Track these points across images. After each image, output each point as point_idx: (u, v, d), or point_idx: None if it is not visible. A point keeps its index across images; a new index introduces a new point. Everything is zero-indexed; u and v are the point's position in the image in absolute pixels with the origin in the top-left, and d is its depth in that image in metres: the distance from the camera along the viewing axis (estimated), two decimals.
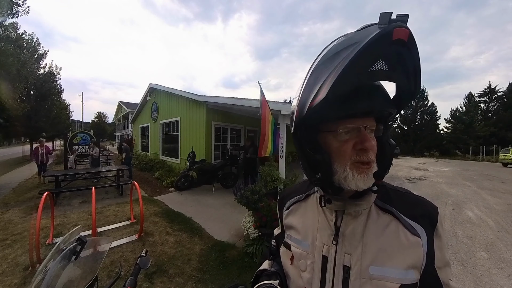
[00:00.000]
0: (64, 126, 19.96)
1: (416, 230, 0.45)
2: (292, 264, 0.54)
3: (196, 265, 2.58)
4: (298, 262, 0.53)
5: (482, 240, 3.48)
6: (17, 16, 8.69)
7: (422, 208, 0.49)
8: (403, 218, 0.47)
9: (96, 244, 0.93)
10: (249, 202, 3.15)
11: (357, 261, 0.45)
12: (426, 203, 0.51)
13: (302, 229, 0.55)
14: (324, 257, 0.49)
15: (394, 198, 0.50)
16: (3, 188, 6.37)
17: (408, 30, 0.35)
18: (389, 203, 0.49)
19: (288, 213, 0.62)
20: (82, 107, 28.52)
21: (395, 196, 0.51)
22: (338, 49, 0.39)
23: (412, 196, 0.53)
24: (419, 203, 0.50)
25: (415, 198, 0.52)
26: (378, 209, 0.49)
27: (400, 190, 0.53)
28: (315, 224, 0.53)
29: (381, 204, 0.49)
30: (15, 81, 9.55)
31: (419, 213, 0.48)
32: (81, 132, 10.18)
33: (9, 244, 2.99)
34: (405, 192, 0.53)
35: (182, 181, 5.95)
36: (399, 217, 0.47)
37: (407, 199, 0.51)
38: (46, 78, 15.53)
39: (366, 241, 0.46)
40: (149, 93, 11.07)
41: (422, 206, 0.49)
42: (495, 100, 30.15)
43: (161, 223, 3.77)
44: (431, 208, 0.49)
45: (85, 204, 4.73)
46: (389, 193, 0.51)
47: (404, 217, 0.47)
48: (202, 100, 6.95)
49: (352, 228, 0.48)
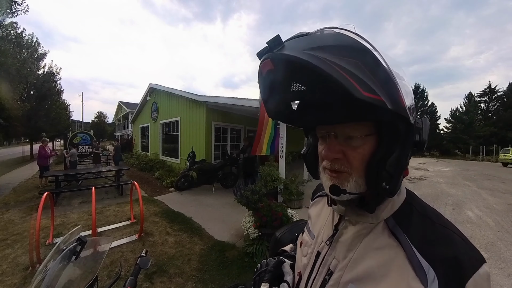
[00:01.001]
0: (64, 126, 19.95)
1: (424, 273, 0.34)
2: (300, 247, 0.59)
3: (196, 265, 2.58)
4: (303, 247, 0.57)
5: (482, 240, 3.48)
6: (16, 15, 8.69)
7: (448, 249, 0.36)
8: (412, 251, 0.36)
9: (96, 244, 0.93)
10: (249, 202, 3.15)
11: (339, 270, 0.43)
12: (460, 246, 0.36)
13: (315, 221, 0.59)
14: (318, 253, 0.50)
15: (414, 223, 0.40)
16: (3, 188, 6.37)
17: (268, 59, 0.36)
18: (403, 226, 0.40)
19: (312, 204, 0.67)
20: (82, 107, 28.57)
21: (418, 220, 0.40)
22: None
23: (442, 228, 0.39)
24: (447, 241, 0.37)
25: (446, 233, 0.38)
26: (386, 228, 0.41)
27: (429, 216, 0.41)
28: (324, 220, 0.55)
29: (392, 224, 0.41)
30: (15, 81, 9.54)
31: (440, 254, 0.35)
32: (81, 132, 10.20)
33: (9, 244, 2.99)
34: (436, 221, 0.40)
35: (182, 181, 5.95)
36: (407, 248, 0.37)
37: (433, 229, 0.39)
38: (46, 78, 15.52)
39: (356, 256, 0.42)
40: (149, 93, 11.07)
41: (450, 247, 0.36)
42: (495, 100, 30.20)
43: (161, 223, 3.77)
44: (465, 255, 0.35)
45: (85, 204, 4.73)
46: (410, 215, 0.41)
47: (414, 250, 0.36)
48: (202, 100, 6.95)
49: (347, 237, 0.45)
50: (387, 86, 0.33)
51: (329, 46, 0.33)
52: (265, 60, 0.37)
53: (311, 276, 0.49)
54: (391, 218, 0.41)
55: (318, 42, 0.34)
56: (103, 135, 41.52)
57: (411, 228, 0.39)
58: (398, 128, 0.37)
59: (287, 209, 3.21)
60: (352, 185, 0.39)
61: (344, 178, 0.40)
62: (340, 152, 0.40)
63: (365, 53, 0.33)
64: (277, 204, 3.20)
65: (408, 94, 0.36)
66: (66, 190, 5.35)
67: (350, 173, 0.40)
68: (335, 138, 0.40)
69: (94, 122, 51.89)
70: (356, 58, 0.32)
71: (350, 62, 0.32)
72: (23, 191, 5.99)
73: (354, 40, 0.34)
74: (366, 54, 0.33)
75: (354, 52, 0.33)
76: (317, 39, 0.36)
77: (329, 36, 0.36)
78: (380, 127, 0.38)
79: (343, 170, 0.40)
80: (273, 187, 4.52)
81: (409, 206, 0.43)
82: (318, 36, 0.36)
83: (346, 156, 0.40)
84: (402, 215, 0.41)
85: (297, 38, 0.38)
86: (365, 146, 0.38)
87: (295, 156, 6.94)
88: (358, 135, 0.38)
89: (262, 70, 0.39)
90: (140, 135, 13.73)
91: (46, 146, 7.08)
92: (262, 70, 0.39)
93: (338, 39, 0.35)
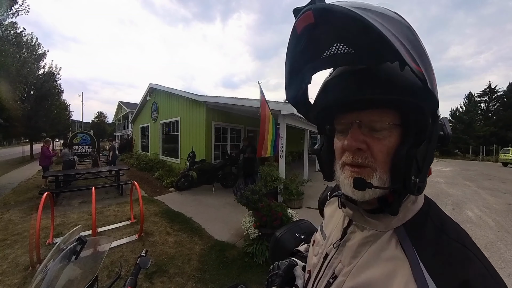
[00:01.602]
0: (64, 126, 19.95)
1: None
2: (312, 246, 0.58)
3: (196, 265, 2.58)
4: (315, 246, 0.56)
5: (482, 239, 3.47)
6: (16, 15, 8.69)
7: (461, 272, 0.31)
8: (420, 267, 0.32)
9: (96, 244, 0.93)
10: (249, 202, 3.16)
11: (343, 275, 0.41)
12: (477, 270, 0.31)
13: (328, 221, 0.58)
14: (326, 254, 0.49)
15: (427, 236, 0.35)
16: (3, 188, 6.37)
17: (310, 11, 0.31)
18: (413, 239, 0.36)
19: (327, 204, 0.64)
20: (82, 107, 28.54)
21: (432, 234, 0.36)
22: None
23: (460, 247, 0.34)
24: (462, 262, 0.32)
25: (462, 253, 0.33)
26: (395, 238, 0.37)
27: (446, 231, 0.36)
28: (336, 222, 0.53)
29: (402, 235, 0.37)
30: (15, 81, 9.54)
31: (451, 275, 0.31)
32: (81, 132, 10.20)
33: (9, 244, 2.99)
34: (454, 238, 0.35)
35: (182, 181, 5.95)
36: (413, 263, 0.33)
37: (448, 247, 0.34)
38: (46, 78, 15.52)
39: (360, 264, 0.39)
40: (149, 93, 11.07)
41: (464, 269, 0.31)
42: (495, 100, 30.17)
43: (161, 223, 3.77)
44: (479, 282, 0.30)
45: (85, 204, 4.73)
46: (424, 227, 0.37)
47: (422, 266, 0.32)
48: (202, 100, 6.95)
49: (354, 242, 0.42)
50: (427, 66, 0.31)
51: (379, 12, 0.30)
52: (305, 13, 0.31)
53: (318, 276, 0.48)
54: (402, 227, 0.38)
55: (367, 5, 0.31)
56: (103, 135, 41.52)
57: (422, 242, 0.35)
58: (426, 118, 0.34)
59: (287, 209, 3.22)
60: (376, 181, 0.36)
61: (367, 173, 0.36)
62: (364, 143, 0.36)
63: (409, 30, 0.32)
64: (277, 204, 3.20)
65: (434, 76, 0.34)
66: (66, 190, 5.35)
67: (374, 168, 0.36)
68: (359, 128, 0.37)
69: (94, 122, 51.88)
70: (403, 31, 0.30)
71: (399, 32, 0.29)
72: (23, 191, 5.99)
73: (398, 15, 0.32)
74: (410, 31, 0.32)
75: (401, 25, 0.31)
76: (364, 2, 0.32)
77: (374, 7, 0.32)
78: (407, 117, 0.35)
79: (366, 165, 0.36)
80: (273, 187, 4.52)
81: (425, 216, 0.38)
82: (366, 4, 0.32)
83: (370, 148, 0.36)
84: (415, 226, 0.37)
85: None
86: (390, 138, 0.36)
87: (295, 156, 6.94)
88: (385, 123, 0.35)
89: (297, 27, 0.33)
90: (140, 135, 13.73)
91: (49, 146, 7.01)
92: (297, 28, 0.33)
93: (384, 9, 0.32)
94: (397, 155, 0.35)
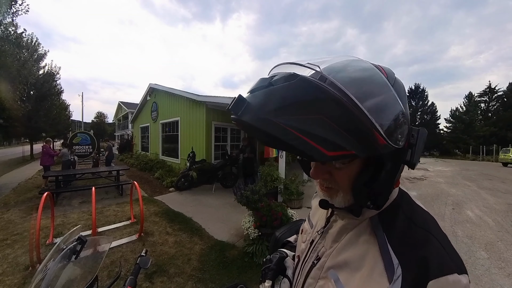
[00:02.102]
0: (64, 126, 19.95)
1: (393, 270, 0.35)
2: (301, 234, 0.66)
3: (196, 265, 2.58)
4: (303, 234, 0.64)
5: (482, 239, 3.48)
6: (16, 15, 8.69)
7: (421, 251, 0.36)
8: (387, 248, 0.38)
9: (96, 243, 0.93)
10: (249, 202, 3.16)
11: (325, 257, 0.48)
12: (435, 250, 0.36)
13: (314, 211, 0.65)
14: (312, 241, 0.56)
15: (396, 223, 0.41)
16: (3, 188, 6.37)
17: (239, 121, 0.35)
18: (385, 225, 0.41)
19: (314, 196, 0.72)
20: (82, 107, 28.54)
21: (401, 222, 0.41)
22: None
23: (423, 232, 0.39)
24: (423, 244, 0.37)
25: (424, 236, 0.38)
26: (369, 226, 0.43)
27: (413, 219, 0.41)
28: (321, 212, 0.60)
29: (375, 222, 0.43)
30: (15, 81, 9.54)
31: (412, 254, 0.36)
32: (81, 132, 10.19)
33: (9, 244, 2.99)
34: (420, 225, 0.40)
35: (182, 181, 5.95)
36: (382, 245, 0.39)
37: (413, 231, 0.39)
38: (46, 78, 15.52)
39: (339, 247, 0.46)
40: (149, 93, 11.08)
41: (423, 249, 0.36)
42: (495, 100, 30.19)
43: (161, 223, 3.77)
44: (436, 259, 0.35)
45: (85, 204, 4.73)
46: (396, 216, 0.42)
47: (389, 247, 0.38)
48: (202, 100, 6.95)
49: (335, 229, 0.49)
50: (358, 132, 0.30)
51: (291, 104, 0.31)
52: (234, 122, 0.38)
53: (305, 259, 0.55)
54: (376, 217, 0.43)
55: (279, 101, 0.32)
56: (103, 135, 41.52)
57: (392, 229, 0.41)
58: (382, 156, 0.36)
59: (287, 209, 3.21)
60: (340, 199, 0.43)
61: (333, 193, 0.44)
62: (326, 173, 0.42)
63: (330, 102, 0.30)
64: (277, 204, 3.20)
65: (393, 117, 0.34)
66: (66, 190, 5.35)
67: (338, 190, 0.43)
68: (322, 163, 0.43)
69: (94, 122, 51.89)
70: (320, 112, 0.30)
71: (313, 121, 0.30)
72: (23, 191, 5.99)
73: (318, 88, 0.31)
74: (331, 104, 0.30)
75: (318, 105, 0.30)
76: (278, 95, 0.33)
77: (291, 89, 0.32)
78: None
79: (331, 187, 0.44)
80: (273, 187, 4.52)
81: (397, 207, 0.44)
82: (280, 91, 0.33)
83: (332, 175, 0.42)
84: (387, 216, 0.43)
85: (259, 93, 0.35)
86: (350, 167, 0.39)
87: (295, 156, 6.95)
88: (346, 160, 0.39)
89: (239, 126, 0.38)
90: (140, 135, 13.74)
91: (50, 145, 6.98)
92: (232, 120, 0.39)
93: (300, 93, 0.31)
94: (357, 184, 0.39)
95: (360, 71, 0.36)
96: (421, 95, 32.48)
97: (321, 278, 0.47)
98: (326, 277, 0.45)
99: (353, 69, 0.36)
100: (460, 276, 0.34)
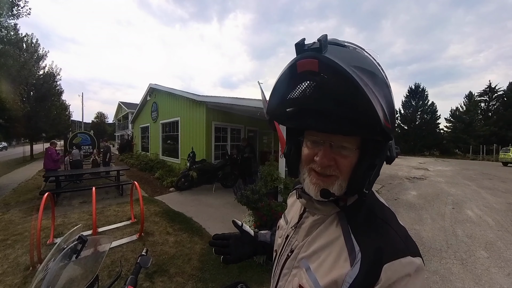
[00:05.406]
0: (64, 127, 19.93)
1: (354, 255, 0.41)
2: (278, 230, 0.70)
3: (196, 265, 2.59)
4: (279, 230, 0.68)
5: (482, 239, 3.48)
6: (17, 17, 8.69)
7: (378, 239, 0.41)
8: (351, 237, 0.43)
9: (96, 243, 0.93)
10: (249, 202, 3.16)
11: (298, 249, 0.53)
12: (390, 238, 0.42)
13: (289, 209, 0.70)
14: (287, 236, 0.60)
15: (359, 216, 0.46)
16: (3, 189, 6.38)
17: (316, 60, 0.34)
18: (350, 218, 0.47)
19: (290, 195, 0.76)
20: (82, 107, 28.57)
21: (364, 215, 0.46)
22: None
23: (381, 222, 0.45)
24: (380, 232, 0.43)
25: (382, 227, 0.44)
26: (336, 219, 0.48)
27: (374, 212, 0.47)
28: (295, 210, 0.64)
29: (341, 216, 0.48)
30: (15, 82, 9.54)
31: (370, 241, 0.41)
32: (81, 132, 10.20)
33: (10, 244, 2.99)
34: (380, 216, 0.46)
35: (182, 181, 5.95)
36: (346, 235, 0.44)
37: (373, 222, 0.45)
38: (46, 79, 15.52)
39: (310, 239, 0.51)
40: (149, 93, 11.08)
41: (380, 237, 0.42)
42: (495, 99, 30.09)
43: (162, 223, 3.78)
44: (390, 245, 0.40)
45: (85, 204, 4.74)
46: (359, 210, 0.47)
47: (352, 237, 0.43)
48: (202, 100, 6.95)
49: (307, 224, 0.54)
50: (392, 117, 0.39)
51: (368, 71, 0.37)
52: (311, 59, 0.35)
53: (281, 253, 0.60)
54: (342, 212, 0.49)
55: (359, 62, 0.37)
56: (103, 135, 41.49)
57: (356, 221, 0.46)
58: (381, 145, 0.44)
59: None
60: (337, 187, 0.45)
61: (333, 180, 0.45)
62: (333, 160, 0.44)
63: (387, 86, 0.40)
64: (277, 204, 3.21)
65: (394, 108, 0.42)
66: (67, 190, 5.35)
67: (338, 176, 0.45)
68: (330, 147, 0.44)
69: (94, 122, 51.86)
70: (383, 89, 0.38)
71: (380, 93, 0.36)
72: (23, 192, 6.00)
73: (379, 69, 0.40)
74: (388, 87, 0.40)
75: (382, 84, 0.38)
76: (357, 57, 0.39)
77: (365, 58, 0.40)
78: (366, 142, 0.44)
79: (332, 174, 0.45)
80: (273, 186, 4.51)
81: (361, 202, 0.48)
82: (356, 54, 0.40)
83: (337, 163, 0.44)
84: (352, 210, 0.48)
85: (338, 48, 0.39)
86: (353, 156, 0.44)
87: None
88: (352, 147, 0.43)
89: (298, 66, 0.36)
90: (140, 135, 13.74)
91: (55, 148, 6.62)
92: (298, 67, 0.37)
93: (372, 65, 0.39)
94: (357, 172, 0.44)
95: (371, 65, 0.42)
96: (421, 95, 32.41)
97: (295, 267, 0.52)
98: (299, 266, 0.50)
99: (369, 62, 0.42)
100: (413, 258, 0.39)
